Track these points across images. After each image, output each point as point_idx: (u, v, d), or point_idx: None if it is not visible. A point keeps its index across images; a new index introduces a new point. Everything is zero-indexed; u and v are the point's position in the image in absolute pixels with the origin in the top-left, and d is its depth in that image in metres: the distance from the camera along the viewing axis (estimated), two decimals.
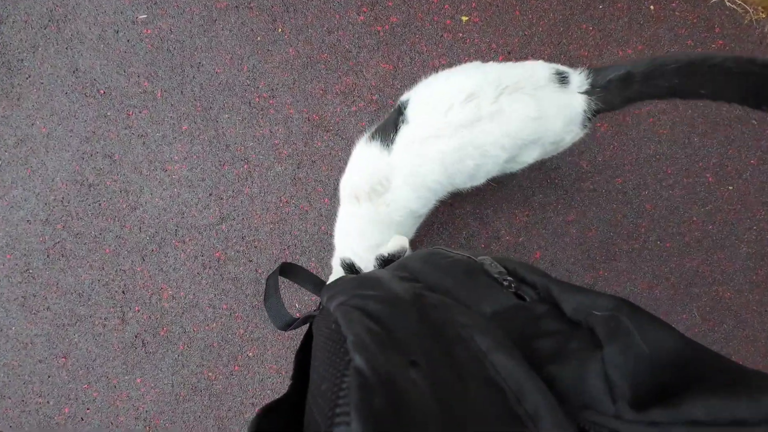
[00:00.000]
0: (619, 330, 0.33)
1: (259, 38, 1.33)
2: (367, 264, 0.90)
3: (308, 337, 0.42)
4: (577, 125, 0.79)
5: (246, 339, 1.27)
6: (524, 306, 0.43)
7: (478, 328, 0.37)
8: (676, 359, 0.31)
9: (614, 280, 1.30)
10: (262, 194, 1.31)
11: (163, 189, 1.30)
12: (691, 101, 1.33)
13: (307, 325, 0.52)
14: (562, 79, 0.78)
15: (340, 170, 1.31)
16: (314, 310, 0.52)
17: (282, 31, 1.33)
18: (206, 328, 1.28)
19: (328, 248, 1.30)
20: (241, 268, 1.29)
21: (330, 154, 1.32)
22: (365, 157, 0.90)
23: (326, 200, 1.31)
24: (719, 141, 1.33)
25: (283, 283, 1.29)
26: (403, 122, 0.83)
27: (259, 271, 1.29)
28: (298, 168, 1.31)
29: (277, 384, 1.26)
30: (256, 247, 1.30)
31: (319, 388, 0.29)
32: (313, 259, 1.30)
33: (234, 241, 1.30)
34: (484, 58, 1.33)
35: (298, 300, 1.31)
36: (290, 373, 1.33)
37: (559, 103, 0.77)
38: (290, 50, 1.33)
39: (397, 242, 0.86)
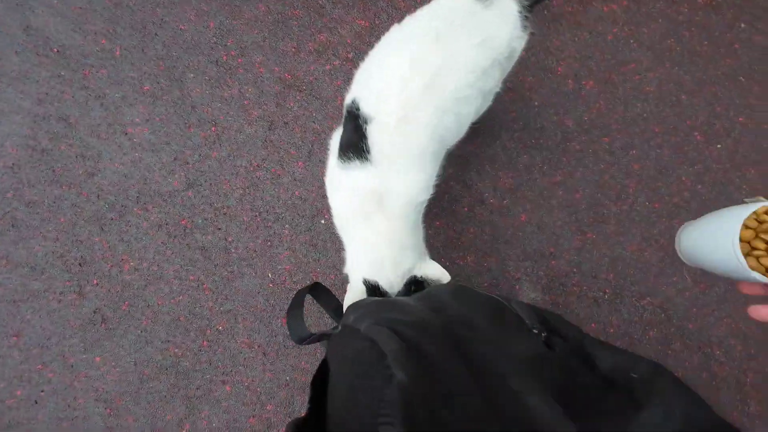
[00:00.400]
0: (660, 394, 0.36)
1: None
2: (393, 286, 0.82)
3: (325, 363, 0.40)
4: (519, 29, 0.78)
5: (215, 312, 1.19)
6: (556, 356, 0.43)
7: (512, 368, 0.36)
8: None
9: (603, 243, 1.25)
10: (232, 158, 1.22)
11: (124, 153, 1.21)
12: (676, 60, 1.29)
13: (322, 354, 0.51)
14: None
15: (314, 132, 1.24)
16: (332, 329, 0.52)
17: None
18: (172, 301, 1.19)
19: (303, 214, 1.22)
20: (209, 237, 1.21)
21: (304, 115, 1.24)
22: (351, 180, 0.80)
23: (300, 164, 1.23)
24: (707, 99, 1.29)
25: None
26: (366, 122, 0.76)
27: (229, 239, 1.21)
28: (269, 130, 1.23)
29: (249, 359, 1.18)
30: (225, 214, 1.21)
31: (355, 400, 0.29)
32: (287, 227, 1.22)
33: (201, 208, 1.21)
34: None
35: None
36: (263, 348, 1.23)
37: (492, 18, 0.75)
38: (260, 6, 1.25)
39: (437, 270, 0.80)
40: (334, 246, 1.22)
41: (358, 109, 0.77)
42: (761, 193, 1.27)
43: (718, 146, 1.29)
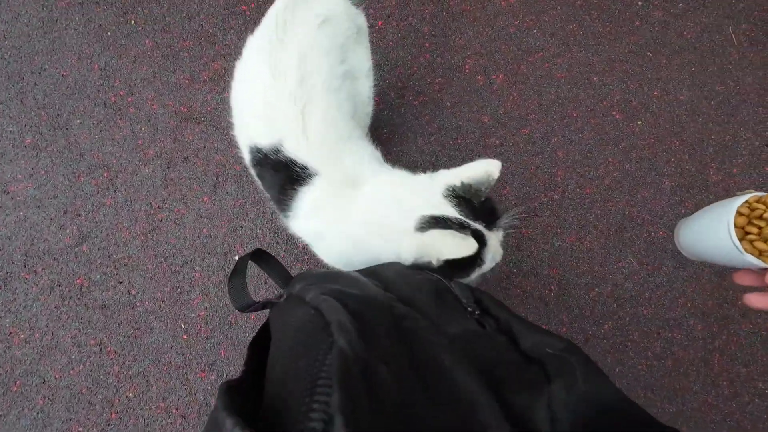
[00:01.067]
0: (566, 369, 0.38)
1: (109, 33, 1.19)
2: (438, 206, 0.65)
3: (264, 329, 0.43)
4: (351, 2, 0.79)
5: (123, 377, 1.05)
6: (486, 334, 0.47)
7: (443, 346, 0.39)
8: (613, 408, 0.36)
9: (540, 237, 1.18)
10: (129, 203, 1.12)
11: (6, 215, 1.09)
12: (582, 43, 1.27)
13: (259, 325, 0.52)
14: None
15: (218, 163, 1.16)
16: (275, 298, 0.53)
17: (135, 23, 1.20)
18: (71, 372, 1.05)
19: (214, 253, 1.12)
20: (109, 293, 1.08)
21: (204, 147, 1.16)
22: (311, 202, 0.71)
23: (205, 198, 1.14)
24: (618, 77, 1.27)
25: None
26: (278, 152, 0.70)
27: (133, 292, 1.09)
28: (168, 167, 1.14)
29: (167, 426, 1.03)
30: (126, 265, 1.10)
31: (296, 364, 0.30)
32: (197, 269, 1.11)
33: (99, 262, 1.09)
34: None
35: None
36: (182, 410, 1.09)
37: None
38: (147, 42, 1.19)
39: (483, 166, 0.64)
40: (252, 282, 1.11)
41: (260, 150, 0.71)
42: (688, 165, 1.24)
43: (639, 122, 1.26)
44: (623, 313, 1.16)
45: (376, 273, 0.57)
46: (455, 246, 0.60)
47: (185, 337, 1.08)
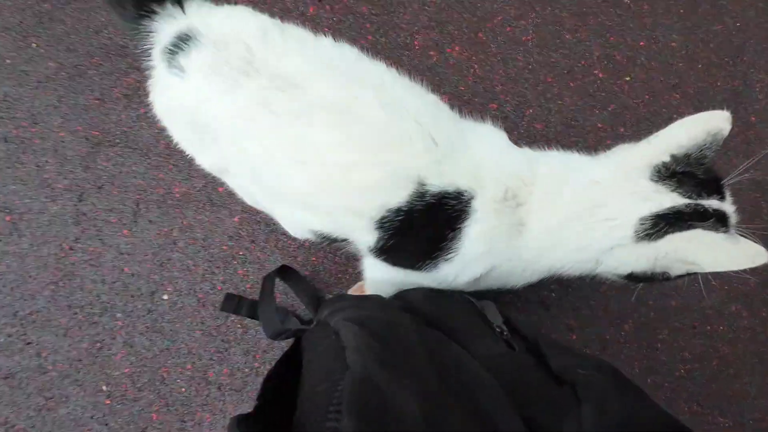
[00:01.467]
0: (598, 391, 0.37)
1: (8, 61, 1.05)
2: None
3: (287, 357, 0.43)
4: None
5: None
6: (514, 355, 0.46)
7: (469, 367, 0.40)
8: (650, 430, 0.34)
9: None
10: (36, 247, 0.95)
11: None
12: (546, 1, 1.10)
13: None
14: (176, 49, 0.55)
15: (138, 188, 0.99)
16: (306, 325, 0.53)
17: (37, 45, 1.06)
18: None
19: (138, 294, 0.93)
20: (16, 358, 0.90)
21: (121, 172, 1.00)
22: (482, 230, 0.54)
23: (125, 232, 0.96)
24: (594, 31, 1.09)
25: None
26: (424, 196, 0.53)
27: (43, 354, 0.90)
28: (80, 201, 0.98)
29: None
30: (34, 321, 0.92)
31: (315, 390, 0.31)
32: (119, 316, 0.92)
33: (2, 322, 0.92)
34: (290, 11, 1.09)
35: None
36: None
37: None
38: (50, 64, 1.05)
39: (700, 125, 0.51)
40: (185, 325, 0.92)
41: (399, 210, 0.52)
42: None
43: (627, 79, 1.06)
44: (645, 309, 0.94)
45: (403, 297, 0.57)
46: (730, 258, 0.45)
47: (108, 402, 0.88)
